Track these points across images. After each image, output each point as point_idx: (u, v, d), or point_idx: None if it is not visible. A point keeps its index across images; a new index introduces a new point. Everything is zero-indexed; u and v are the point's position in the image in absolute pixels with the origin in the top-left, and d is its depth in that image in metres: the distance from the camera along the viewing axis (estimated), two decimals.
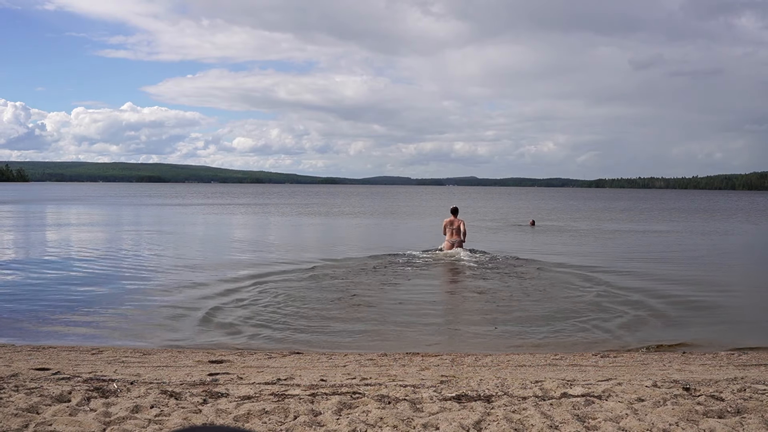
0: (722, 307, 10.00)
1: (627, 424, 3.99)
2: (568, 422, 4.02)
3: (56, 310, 9.15)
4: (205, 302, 9.67)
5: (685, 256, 17.31)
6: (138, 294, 10.44)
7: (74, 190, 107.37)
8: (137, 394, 4.64)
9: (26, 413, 4.10)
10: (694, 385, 4.97)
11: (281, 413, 4.21)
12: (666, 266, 14.68)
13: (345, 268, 13.37)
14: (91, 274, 12.65)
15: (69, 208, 43.50)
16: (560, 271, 13.34)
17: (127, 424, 3.97)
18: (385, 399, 4.55)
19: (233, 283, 11.45)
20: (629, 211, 48.40)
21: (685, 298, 10.56)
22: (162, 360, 6.39)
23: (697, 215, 44.13)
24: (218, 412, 4.25)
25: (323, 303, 9.71)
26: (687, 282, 12.27)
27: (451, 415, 4.15)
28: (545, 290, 11.03)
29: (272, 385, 5.00)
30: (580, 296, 10.51)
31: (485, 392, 4.79)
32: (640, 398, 4.56)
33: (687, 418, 4.08)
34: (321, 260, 14.72)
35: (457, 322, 8.83)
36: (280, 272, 12.76)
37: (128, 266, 13.83)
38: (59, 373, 5.45)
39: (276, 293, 10.41)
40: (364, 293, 10.57)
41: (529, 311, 9.32)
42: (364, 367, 6.11)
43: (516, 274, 12.85)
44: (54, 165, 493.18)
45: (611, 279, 12.35)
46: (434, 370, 5.92)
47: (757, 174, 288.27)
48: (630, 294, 10.68)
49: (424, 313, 9.19)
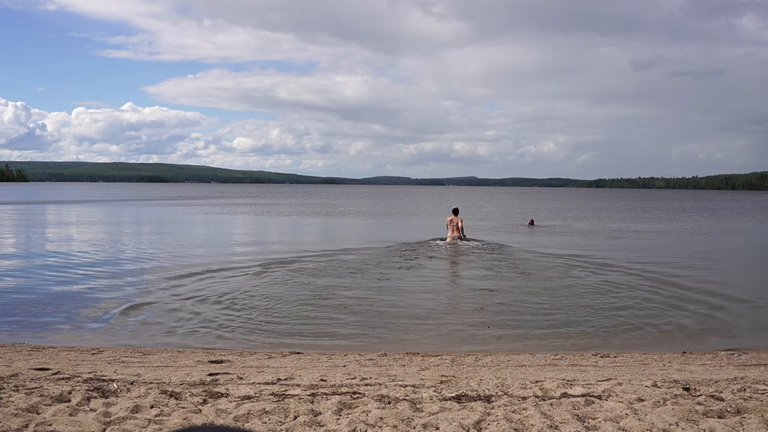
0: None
1: (627, 424, 3.99)
2: (568, 422, 4.02)
3: (56, 310, 9.15)
4: (205, 302, 9.67)
5: (691, 255, 17.32)
6: (138, 294, 10.44)
7: (74, 191, 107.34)
8: (137, 394, 4.64)
9: (26, 413, 4.10)
10: (694, 385, 4.97)
11: (281, 413, 4.21)
12: (680, 268, 14.67)
13: (345, 265, 13.39)
14: (92, 274, 12.65)
15: (69, 209, 43.49)
16: (560, 270, 13.34)
17: (127, 424, 3.97)
18: (385, 399, 4.55)
19: (233, 282, 11.45)
20: (630, 211, 48.40)
21: (694, 298, 10.57)
22: (162, 360, 6.39)
23: (704, 214, 44.24)
24: (218, 412, 4.24)
25: (323, 302, 9.71)
26: (699, 280, 12.26)
27: (451, 415, 4.15)
28: (544, 288, 11.03)
29: (272, 385, 5.00)
30: (580, 296, 10.51)
31: (485, 392, 4.79)
32: (640, 398, 4.56)
33: (687, 418, 4.08)
34: (320, 259, 14.73)
35: (457, 322, 8.82)
36: (279, 272, 12.75)
37: (129, 266, 13.83)
38: (59, 373, 5.45)
39: (276, 292, 10.42)
40: (364, 292, 10.57)
41: (529, 310, 9.32)
42: (364, 367, 6.11)
43: (515, 271, 12.86)
44: (54, 165, 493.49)
45: (611, 278, 12.35)
46: (434, 370, 5.92)
47: (757, 174, 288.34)
48: (640, 292, 10.70)
49: (424, 313, 9.19)
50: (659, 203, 73.16)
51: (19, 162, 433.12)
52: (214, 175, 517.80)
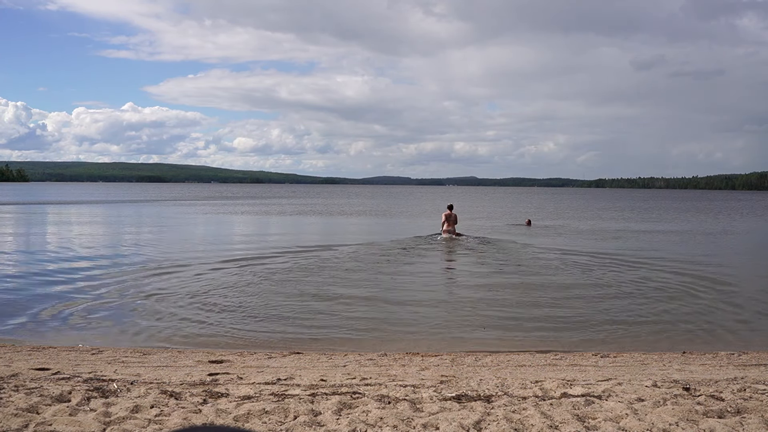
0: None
1: (627, 424, 3.99)
2: (568, 422, 4.02)
3: (57, 310, 9.15)
4: (205, 302, 9.67)
5: (691, 255, 17.31)
6: (139, 294, 10.43)
7: (73, 191, 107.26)
8: (137, 394, 4.64)
9: (26, 413, 4.10)
10: (694, 385, 4.97)
11: (281, 413, 4.21)
12: (680, 268, 14.67)
13: (345, 263, 13.39)
14: (92, 274, 12.64)
15: (69, 209, 43.48)
16: (560, 269, 13.34)
17: (127, 424, 3.96)
18: (385, 399, 4.55)
19: (233, 282, 11.45)
20: (631, 211, 48.39)
21: (696, 297, 10.57)
22: (162, 360, 6.39)
23: (706, 214, 44.22)
24: (218, 412, 4.24)
25: (323, 302, 9.71)
26: (699, 280, 12.26)
27: (451, 415, 4.15)
28: (545, 288, 11.03)
29: (272, 385, 5.00)
30: (580, 296, 10.51)
31: (485, 392, 4.78)
32: (640, 398, 4.56)
33: (687, 418, 4.08)
34: (320, 258, 14.73)
35: (457, 322, 8.82)
36: (279, 271, 12.76)
37: (129, 266, 13.82)
38: (59, 373, 5.45)
39: (276, 291, 10.42)
40: (364, 292, 10.57)
41: (529, 310, 9.31)
42: (364, 367, 6.11)
43: (514, 270, 12.87)
44: (54, 165, 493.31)
45: (611, 278, 12.35)
46: (434, 370, 5.92)
47: (757, 174, 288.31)
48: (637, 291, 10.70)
49: (424, 313, 9.19)
50: (658, 203, 73.14)
51: (20, 162, 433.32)
52: (214, 175, 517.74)
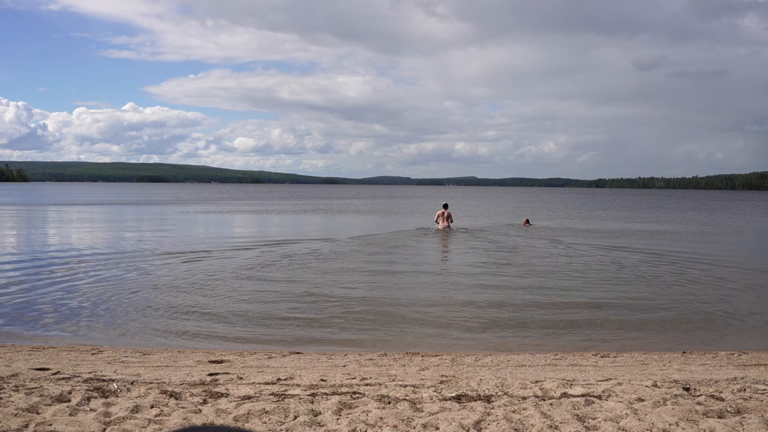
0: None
1: (627, 424, 3.99)
2: (568, 422, 4.02)
3: (57, 310, 9.15)
4: (204, 302, 9.68)
5: (692, 255, 17.31)
6: (139, 294, 10.43)
7: (72, 191, 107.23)
8: (137, 394, 4.64)
9: (26, 413, 4.10)
10: (694, 385, 4.97)
11: (281, 413, 4.21)
12: (680, 268, 14.67)
13: (345, 261, 13.39)
14: (91, 274, 12.64)
15: (70, 209, 43.49)
16: (559, 269, 13.34)
17: (127, 424, 3.97)
18: (385, 399, 4.55)
19: (233, 283, 11.45)
20: (631, 210, 48.38)
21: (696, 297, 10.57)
22: (162, 360, 6.39)
23: (707, 213, 44.21)
24: (218, 412, 4.24)
25: (323, 302, 9.71)
26: (700, 280, 12.27)
27: (451, 415, 4.15)
28: (544, 288, 11.03)
29: (272, 385, 5.00)
30: (579, 296, 10.51)
31: (485, 392, 4.79)
32: (640, 398, 4.56)
33: (687, 418, 4.08)
34: (320, 256, 14.74)
35: (457, 322, 8.82)
36: (279, 271, 12.76)
37: (129, 266, 13.82)
38: (59, 373, 5.45)
39: (276, 291, 10.43)
40: (364, 291, 10.56)
41: (529, 310, 9.31)
42: (364, 367, 6.11)
43: (514, 270, 12.87)
44: (54, 165, 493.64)
45: (611, 279, 12.36)
46: (434, 370, 5.92)
47: (757, 174, 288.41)
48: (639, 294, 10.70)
49: (424, 312, 9.18)
50: (658, 202, 73.13)
51: (20, 162, 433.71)
52: (214, 175, 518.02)
